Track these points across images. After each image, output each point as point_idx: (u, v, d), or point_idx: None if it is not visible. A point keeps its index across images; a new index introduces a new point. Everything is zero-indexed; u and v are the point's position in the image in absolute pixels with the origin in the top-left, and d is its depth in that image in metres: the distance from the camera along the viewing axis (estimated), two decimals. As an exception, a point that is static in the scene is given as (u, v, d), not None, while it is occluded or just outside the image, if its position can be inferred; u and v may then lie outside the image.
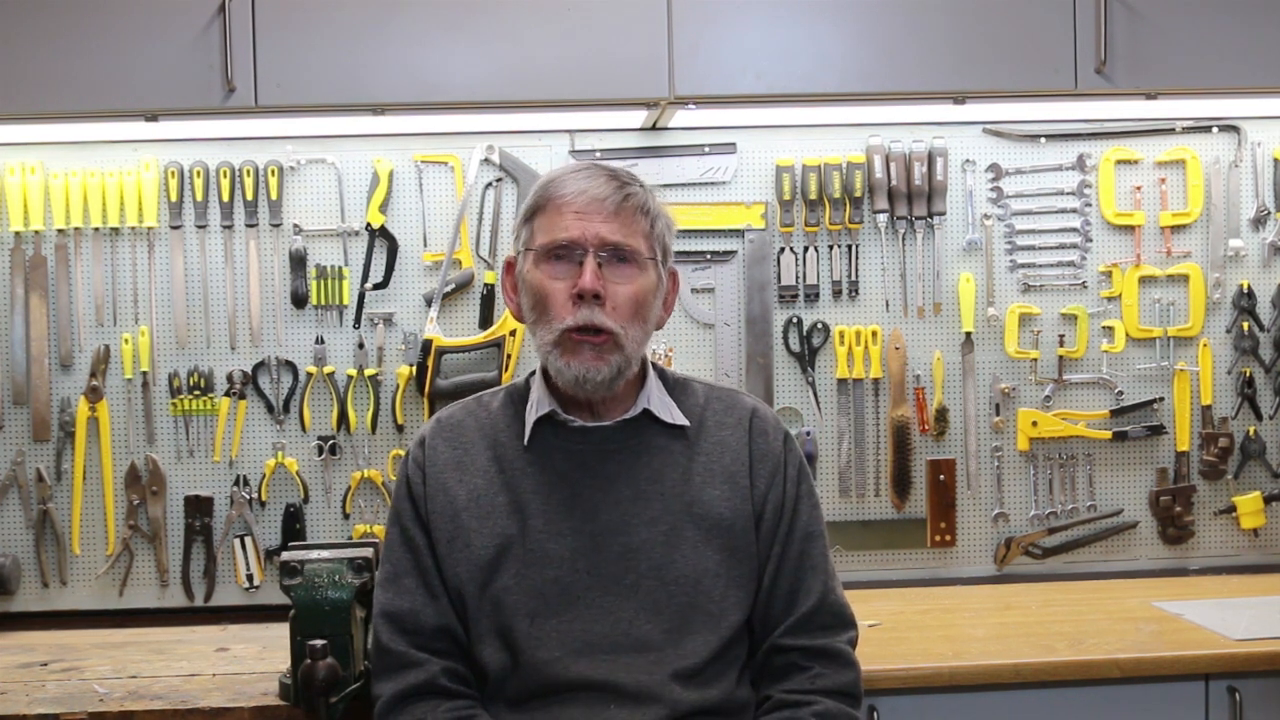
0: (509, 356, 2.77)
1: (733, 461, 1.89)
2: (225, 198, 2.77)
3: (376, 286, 2.79)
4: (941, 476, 2.88)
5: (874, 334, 2.85)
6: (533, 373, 1.93)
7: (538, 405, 1.88)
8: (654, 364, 1.95)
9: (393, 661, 1.84)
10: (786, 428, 1.97)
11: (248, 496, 2.78)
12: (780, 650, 1.87)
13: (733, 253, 2.85)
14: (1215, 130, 2.90)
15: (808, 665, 1.85)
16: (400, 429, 2.80)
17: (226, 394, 2.78)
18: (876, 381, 2.87)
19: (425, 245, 2.81)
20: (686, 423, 1.89)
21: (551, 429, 1.88)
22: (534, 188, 1.86)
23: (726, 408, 1.94)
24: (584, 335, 1.79)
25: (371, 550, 2.13)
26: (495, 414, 1.93)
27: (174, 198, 2.76)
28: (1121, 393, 2.90)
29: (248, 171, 2.76)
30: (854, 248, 2.86)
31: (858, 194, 2.82)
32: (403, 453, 2.78)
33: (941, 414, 2.87)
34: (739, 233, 2.85)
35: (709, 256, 2.84)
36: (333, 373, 2.79)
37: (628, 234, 1.80)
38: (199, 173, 2.76)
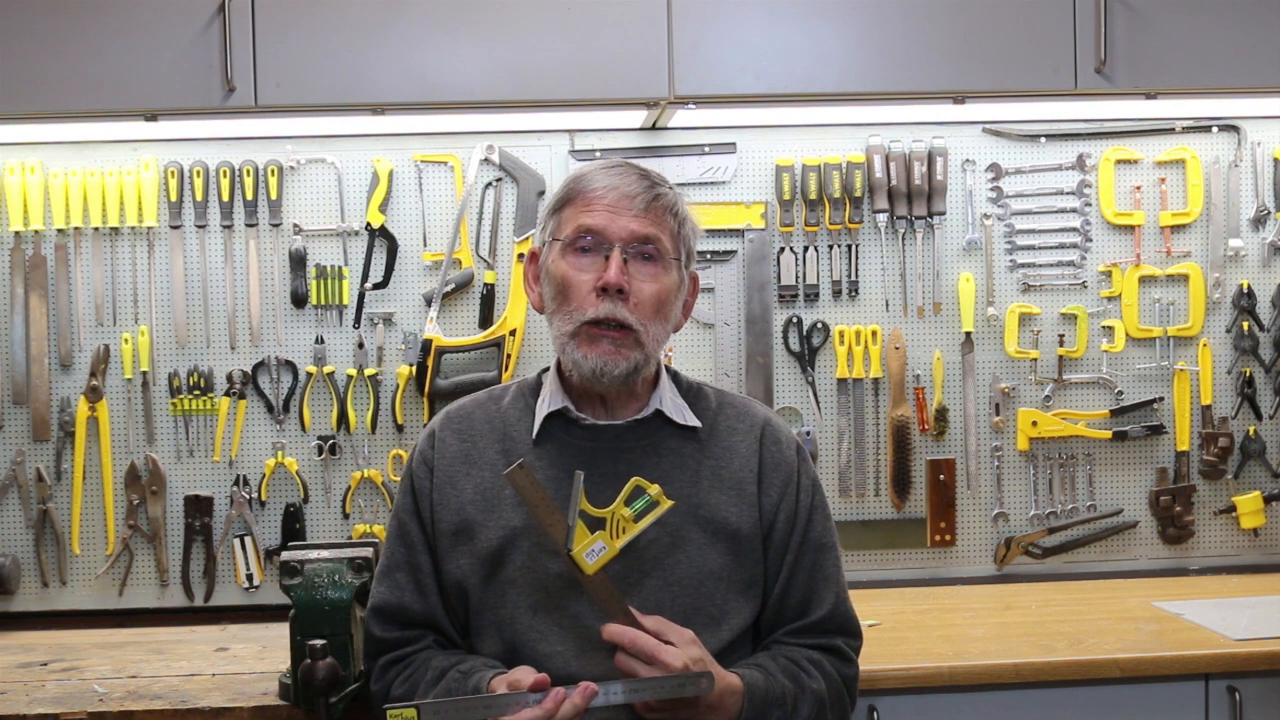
0: (509, 356, 2.77)
1: (741, 468, 1.89)
2: (225, 197, 2.77)
3: (376, 286, 2.79)
4: (941, 476, 2.88)
5: (874, 334, 2.85)
6: (545, 369, 1.93)
7: (549, 401, 1.88)
8: (668, 368, 1.95)
9: (384, 648, 1.88)
10: (798, 440, 1.98)
11: (247, 496, 2.78)
12: (782, 643, 1.88)
13: (732, 252, 2.85)
14: (1215, 130, 2.90)
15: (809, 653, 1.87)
16: (400, 429, 2.80)
17: (226, 394, 2.78)
18: (876, 381, 2.87)
19: (425, 245, 2.81)
20: (699, 423, 1.89)
21: (562, 425, 1.88)
22: (564, 180, 1.87)
23: (739, 415, 1.94)
24: (604, 329, 1.79)
25: (371, 550, 2.13)
26: (505, 408, 1.93)
27: (174, 197, 2.76)
28: (1121, 392, 2.90)
29: (247, 171, 2.76)
30: (854, 247, 2.86)
31: (858, 194, 2.82)
32: (403, 452, 2.79)
33: (941, 414, 2.87)
34: (739, 232, 2.85)
35: (709, 256, 2.84)
36: (332, 372, 2.79)
37: (655, 231, 1.80)
38: (199, 172, 2.76)
